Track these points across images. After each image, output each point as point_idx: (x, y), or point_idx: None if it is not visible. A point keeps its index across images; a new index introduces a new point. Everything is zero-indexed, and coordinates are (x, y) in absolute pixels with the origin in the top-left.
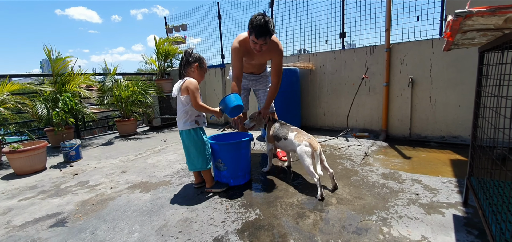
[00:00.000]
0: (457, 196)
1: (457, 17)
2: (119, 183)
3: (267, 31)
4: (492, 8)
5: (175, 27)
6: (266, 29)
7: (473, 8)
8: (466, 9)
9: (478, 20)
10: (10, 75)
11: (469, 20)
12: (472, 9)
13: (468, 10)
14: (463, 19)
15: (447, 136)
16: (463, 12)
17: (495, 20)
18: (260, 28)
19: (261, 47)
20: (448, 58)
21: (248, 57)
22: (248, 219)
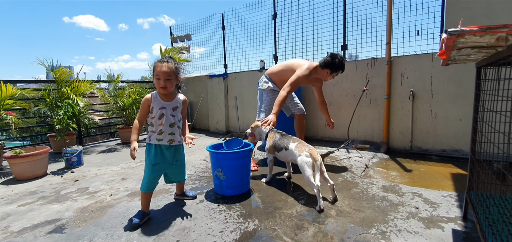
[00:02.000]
0: (457, 211)
1: (450, 35)
2: (119, 190)
3: (343, 68)
4: (483, 28)
5: (180, 37)
6: (343, 66)
7: (465, 27)
8: (458, 28)
9: (471, 38)
10: (14, 81)
11: (462, 38)
12: (464, 28)
13: (460, 29)
14: (456, 37)
15: (448, 149)
16: (455, 30)
17: (487, 38)
18: (344, 66)
19: (334, 77)
20: (449, 72)
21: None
22: (246, 229)
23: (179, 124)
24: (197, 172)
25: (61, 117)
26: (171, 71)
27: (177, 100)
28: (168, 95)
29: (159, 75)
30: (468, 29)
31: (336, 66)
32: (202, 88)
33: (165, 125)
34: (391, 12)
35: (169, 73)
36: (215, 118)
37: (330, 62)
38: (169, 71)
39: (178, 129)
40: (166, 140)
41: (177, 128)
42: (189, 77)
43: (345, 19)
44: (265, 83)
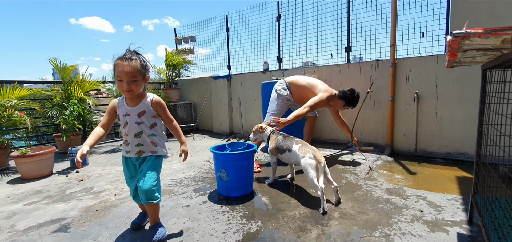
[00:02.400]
0: (462, 214)
1: (455, 37)
2: (123, 190)
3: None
4: (488, 30)
5: (184, 38)
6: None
7: (471, 29)
8: (463, 30)
9: (476, 40)
10: (21, 81)
11: (467, 40)
12: (469, 30)
13: (465, 31)
14: (461, 39)
15: (453, 152)
16: (460, 32)
17: (493, 41)
18: (357, 101)
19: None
20: (454, 74)
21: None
22: (249, 230)
23: (151, 131)
24: (200, 172)
25: (67, 118)
26: (136, 71)
27: (144, 104)
28: (134, 99)
29: (121, 76)
30: (473, 31)
31: (350, 100)
32: (206, 89)
33: (130, 135)
34: (395, 13)
35: (133, 73)
36: (218, 119)
37: (348, 96)
38: (134, 71)
39: (149, 138)
40: (134, 152)
41: (146, 136)
42: (193, 79)
43: (349, 21)
44: (283, 90)
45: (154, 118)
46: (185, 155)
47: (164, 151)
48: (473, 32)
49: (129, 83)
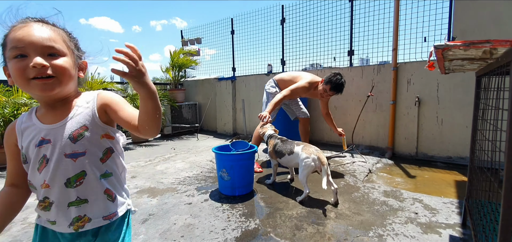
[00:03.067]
0: (456, 217)
1: (437, 49)
2: (129, 187)
3: (342, 91)
4: (466, 42)
5: (191, 40)
6: (342, 89)
7: (450, 42)
8: (444, 43)
9: (458, 51)
10: None
11: (450, 51)
12: (449, 43)
13: (445, 43)
14: (443, 51)
15: (454, 156)
16: (441, 45)
17: (474, 52)
18: (340, 88)
19: (330, 96)
20: (455, 79)
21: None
22: (247, 228)
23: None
24: (203, 172)
25: None
26: (59, 38)
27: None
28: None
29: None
30: (452, 43)
31: (334, 84)
32: (211, 90)
33: (55, 186)
34: (398, 18)
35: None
36: (222, 120)
37: (331, 79)
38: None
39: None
40: (66, 221)
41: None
42: (198, 80)
43: (352, 25)
44: (272, 88)
45: (108, 140)
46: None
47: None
48: (453, 44)
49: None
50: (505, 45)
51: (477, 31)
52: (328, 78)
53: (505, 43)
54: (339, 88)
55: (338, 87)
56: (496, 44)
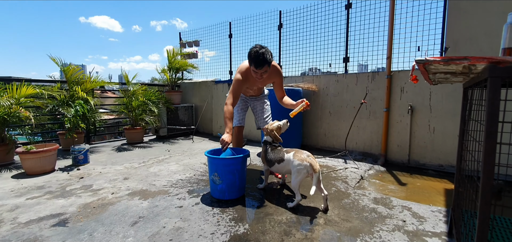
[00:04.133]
0: (443, 226)
1: (418, 63)
2: (121, 188)
3: (265, 61)
4: (445, 58)
5: (189, 42)
6: (263, 60)
7: (430, 57)
8: (424, 58)
9: (439, 66)
10: (28, 79)
11: (431, 65)
12: (429, 58)
13: (425, 58)
14: (424, 65)
15: (445, 165)
16: (421, 60)
17: (454, 67)
18: (257, 59)
19: (261, 75)
20: (447, 89)
21: (250, 84)
22: (236, 232)
23: None
24: (196, 175)
25: (71, 117)
26: None
27: None
28: None
29: None
30: (432, 59)
31: (250, 58)
32: (208, 93)
33: None
34: (392, 27)
35: None
36: (218, 123)
37: (248, 55)
38: None
39: None
40: None
41: None
42: (195, 82)
43: (348, 32)
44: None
45: None
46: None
47: None
48: (432, 59)
49: None
50: (482, 62)
51: (469, 43)
52: (248, 56)
53: (482, 60)
54: (255, 60)
55: (255, 60)
56: (474, 60)
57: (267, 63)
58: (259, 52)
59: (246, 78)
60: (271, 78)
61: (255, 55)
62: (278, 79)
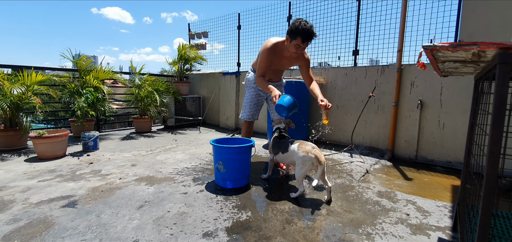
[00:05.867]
0: (447, 221)
1: (426, 50)
2: (128, 174)
3: (312, 35)
4: (454, 44)
5: (197, 34)
6: (311, 33)
7: (438, 43)
8: (432, 44)
9: (448, 53)
10: (43, 67)
11: (439, 52)
12: (436, 44)
13: (433, 44)
14: (432, 51)
15: (454, 161)
16: (429, 45)
17: (463, 54)
18: (307, 32)
19: (302, 50)
20: (459, 84)
21: (276, 61)
22: (239, 219)
23: None
24: (202, 164)
25: (81, 105)
26: None
27: None
28: None
29: None
30: (440, 44)
31: (292, 31)
32: (215, 84)
33: None
34: (404, 19)
35: None
36: (225, 114)
37: (296, 28)
38: None
39: None
40: None
41: None
42: (203, 73)
43: (358, 25)
44: (248, 74)
45: None
46: None
47: None
48: (440, 45)
49: None
50: (492, 48)
51: (484, 35)
52: (292, 29)
53: (492, 45)
54: (304, 32)
55: (304, 32)
56: (483, 46)
57: (314, 37)
58: (307, 25)
59: (275, 53)
60: (299, 60)
61: (304, 27)
62: (306, 63)
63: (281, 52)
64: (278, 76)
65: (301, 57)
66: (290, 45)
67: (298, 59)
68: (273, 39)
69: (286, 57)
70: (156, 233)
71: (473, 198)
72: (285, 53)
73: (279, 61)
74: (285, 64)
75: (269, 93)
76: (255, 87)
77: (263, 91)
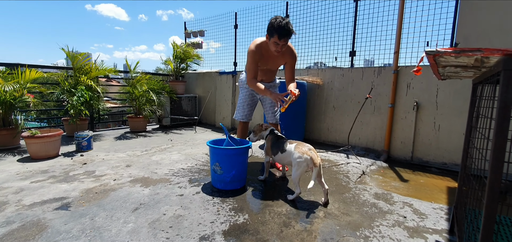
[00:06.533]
0: (444, 223)
1: (428, 55)
2: (123, 175)
3: (289, 32)
4: (457, 50)
5: (194, 32)
6: (288, 30)
7: (441, 49)
8: (435, 49)
9: (450, 58)
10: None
11: (441, 57)
12: (439, 49)
13: (436, 50)
14: (434, 56)
15: (449, 163)
16: (431, 51)
17: (465, 59)
18: (282, 29)
19: (282, 48)
20: (455, 86)
21: (262, 61)
22: (236, 222)
23: None
24: (198, 165)
25: (74, 103)
26: None
27: None
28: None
29: None
30: (443, 50)
31: (269, 29)
32: (211, 84)
33: None
34: (401, 21)
35: None
36: (221, 114)
37: (272, 25)
38: None
39: None
40: None
41: None
42: (199, 73)
43: (355, 26)
44: (241, 75)
45: None
46: None
47: None
48: (444, 51)
49: None
50: (497, 54)
51: (480, 38)
52: (269, 27)
53: (497, 52)
54: (279, 29)
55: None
56: (487, 53)
57: (290, 34)
58: (283, 22)
59: (260, 53)
60: (285, 57)
61: (279, 24)
62: (292, 60)
63: (267, 52)
64: (270, 76)
65: (286, 55)
66: (270, 43)
67: (284, 57)
68: (257, 39)
69: (272, 56)
70: (151, 237)
71: (471, 202)
72: (270, 52)
73: (266, 61)
74: (272, 63)
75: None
76: (248, 87)
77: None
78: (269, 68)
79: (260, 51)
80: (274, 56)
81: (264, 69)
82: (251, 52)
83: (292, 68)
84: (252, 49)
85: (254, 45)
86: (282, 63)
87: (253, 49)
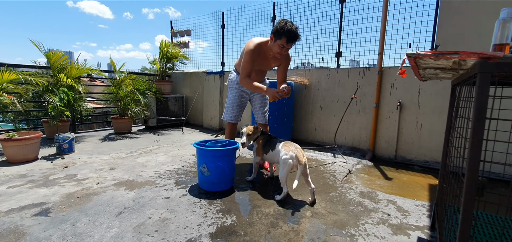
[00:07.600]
0: (426, 220)
1: (409, 57)
2: (106, 179)
3: (297, 37)
4: (436, 53)
5: (180, 31)
6: (296, 35)
7: (421, 51)
8: (415, 51)
9: (429, 60)
10: (14, 64)
11: (422, 60)
12: (419, 52)
13: (416, 52)
14: (415, 59)
15: (430, 161)
16: (412, 54)
17: (444, 62)
18: (292, 33)
19: (286, 51)
20: (436, 87)
21: (258, 62)
22: (223, 224)
23: None
24: (185, 166)
25: (55, 105)
26: None
27: None
28: None
29: None
30: (423, 53)
31: (278, 31)
32: (199, 84)
33: None
34: (385, 23)
35: None
36: (209, 114)
37: (281, 28)
38: None
39: None
40: None
41: None
42: (186, 73)
43: (341, 27)
44: (230, 75)
45: None
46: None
47: None
48: (423, 53)
49: None
50: (473, 57)
51: (459, 41)
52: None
53: (473, 55)
54: (290, 33)
55: (289, 33)
56: (464, 56)
57: (297, 40)
58: (293, 27)
59: (258, 53)
60: (282, 60)
61: (289, 28)
62: (287, 63)
63: (264, 52)
64: (261, 76)
65: (283, 57)
66: (274, 45)
67: (281, 59)
68: (255, 39)
69: (269, 57)
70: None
71: (451, 198)
72: (268, 53)
73: (262, 62)
74: (268, 64)
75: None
76: (237, 88)
77: (246, 92)
78: (262, 69)
79: (259, 51)
80: (271, 58)
81: (257, 70)
82: (250, 51)
83: (285, 70)
84: (251, 48)
85: (254, 44)
86: (278, 65)
87: (252, 48)
